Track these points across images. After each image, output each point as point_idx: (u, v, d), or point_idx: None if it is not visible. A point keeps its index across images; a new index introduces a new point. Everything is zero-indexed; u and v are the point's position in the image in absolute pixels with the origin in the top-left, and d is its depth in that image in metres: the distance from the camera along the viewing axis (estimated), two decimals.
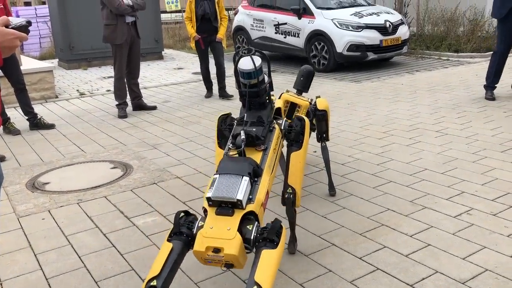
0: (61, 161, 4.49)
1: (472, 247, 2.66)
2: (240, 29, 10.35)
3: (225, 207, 2.07)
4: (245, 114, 2.55)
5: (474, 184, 3.50)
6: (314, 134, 3.84)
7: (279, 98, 3.44)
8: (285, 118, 2.80)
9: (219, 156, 2.66)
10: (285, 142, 2.76)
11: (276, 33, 9.46)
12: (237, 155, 2.36)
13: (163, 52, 11.53)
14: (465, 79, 7.44)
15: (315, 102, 3.46)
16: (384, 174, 3.77)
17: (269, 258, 1.93)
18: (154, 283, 1.91)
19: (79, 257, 2.76)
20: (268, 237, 2.01)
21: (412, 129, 4.95)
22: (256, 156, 2.35)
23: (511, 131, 4.68)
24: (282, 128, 2.68)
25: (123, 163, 4.35)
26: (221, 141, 2.73)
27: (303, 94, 3.63)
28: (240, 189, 2.07)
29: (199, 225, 2.11)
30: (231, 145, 2.44)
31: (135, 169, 4.17)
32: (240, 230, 2.01)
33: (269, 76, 2.67)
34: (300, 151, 2.61)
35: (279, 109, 3.09)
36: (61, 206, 3.47)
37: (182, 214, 2.18)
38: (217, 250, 1.96)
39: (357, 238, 2.82)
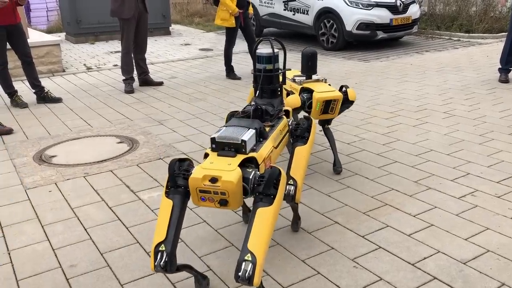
0: (67, 134, 4.52)
1: (475, 228, 2.66)
2: None
3: (228, 150, 2.05)
4: (256, 99, 2.63)
5: (480, 166, 3.49)
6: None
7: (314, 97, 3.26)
8: (292, 119, 2.76)
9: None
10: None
11: (285, 10, 9.33)
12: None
13: (170, 28, 11.42)
14: (476, 60, 7.34)
15: (345, 91, 3.38)
16: (389, 154, 3.76)
17: (264, 218, 1.87)
18: (162, 248, 1.89)
19: (85, 229, 2.80)
20: (264, 191, 1.92)
21: (420, 109, 4.91)
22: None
23: None
24: (289, 125, 2.64)
25: (129, 138, 4.36)
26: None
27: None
28: (246, 134, 2.08)
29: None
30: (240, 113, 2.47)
31: (141, 144, 4.19)
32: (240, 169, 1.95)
33: (284, 67, 2.74)
34: (305, 146, 2.55)
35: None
36: (67, 179, 3.50)
37: (176, 161, 2.06)
38: (214, 180, 1.87)
39: (361, 216, 2.84)
